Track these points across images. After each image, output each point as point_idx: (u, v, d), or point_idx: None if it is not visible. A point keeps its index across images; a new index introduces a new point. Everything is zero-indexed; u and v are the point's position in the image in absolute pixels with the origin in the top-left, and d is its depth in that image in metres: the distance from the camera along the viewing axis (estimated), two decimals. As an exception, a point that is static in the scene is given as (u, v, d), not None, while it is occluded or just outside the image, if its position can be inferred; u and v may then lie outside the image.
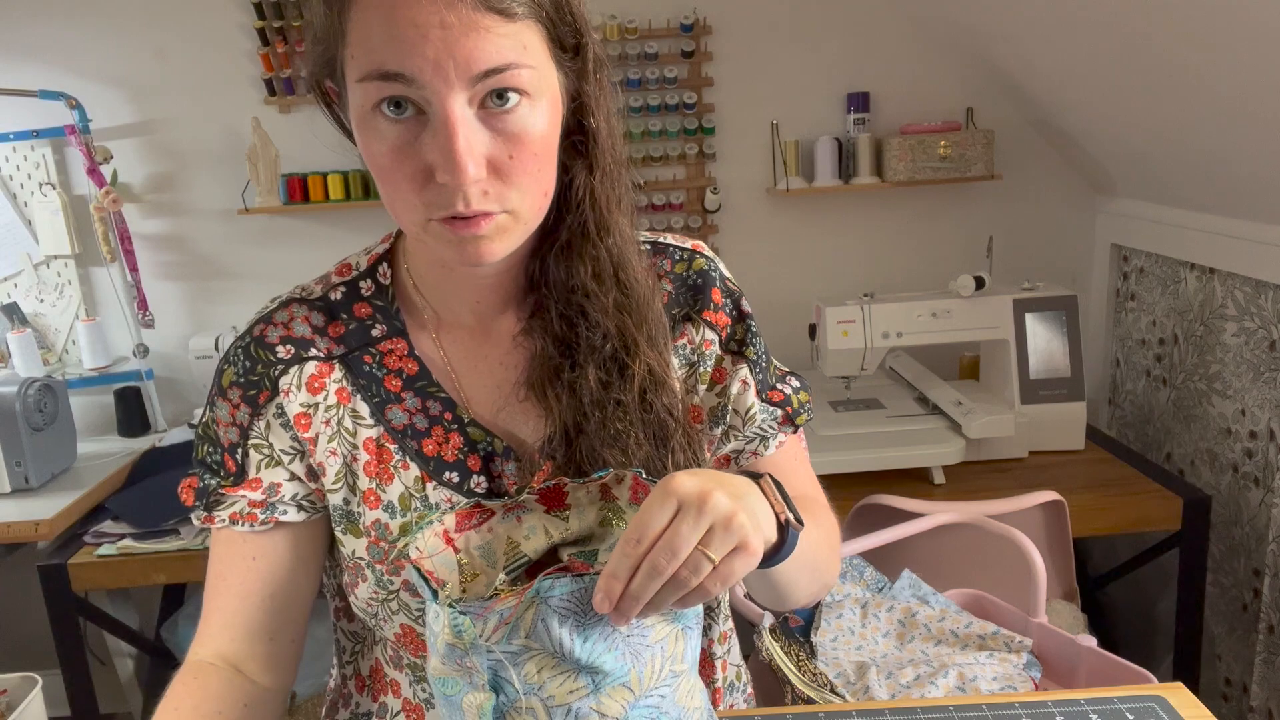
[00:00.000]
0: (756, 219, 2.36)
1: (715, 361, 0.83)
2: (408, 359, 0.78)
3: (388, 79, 0.61)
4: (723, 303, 0.84)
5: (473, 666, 0.59)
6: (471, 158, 0.62)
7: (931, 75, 2.27)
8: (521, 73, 0.63)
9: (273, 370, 0.77)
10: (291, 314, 0.79)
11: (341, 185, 2.23)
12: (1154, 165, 1.95)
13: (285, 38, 2.17)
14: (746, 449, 0.85)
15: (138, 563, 1.77)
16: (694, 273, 0.83)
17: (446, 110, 0.61)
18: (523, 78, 0.63)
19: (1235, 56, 1.42)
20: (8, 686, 0.95)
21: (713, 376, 0.83)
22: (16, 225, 2.27)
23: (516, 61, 0.62)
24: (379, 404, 0.77)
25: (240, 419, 0.77)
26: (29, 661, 2.34)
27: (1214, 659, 1.95)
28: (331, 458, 0.77)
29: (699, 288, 0.83)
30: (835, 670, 1.24)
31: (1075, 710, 0.81)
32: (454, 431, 0.77)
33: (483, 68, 0.61)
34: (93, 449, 2.18)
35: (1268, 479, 1.76)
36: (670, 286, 0.83)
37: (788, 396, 0.86)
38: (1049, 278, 2.18)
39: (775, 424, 0.85)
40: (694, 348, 0.83)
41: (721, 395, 0.84)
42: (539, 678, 0.58)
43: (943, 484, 1.85)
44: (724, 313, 0.84)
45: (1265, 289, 1.75)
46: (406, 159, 0.64)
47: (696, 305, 0.83)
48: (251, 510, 0.77)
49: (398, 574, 0.75)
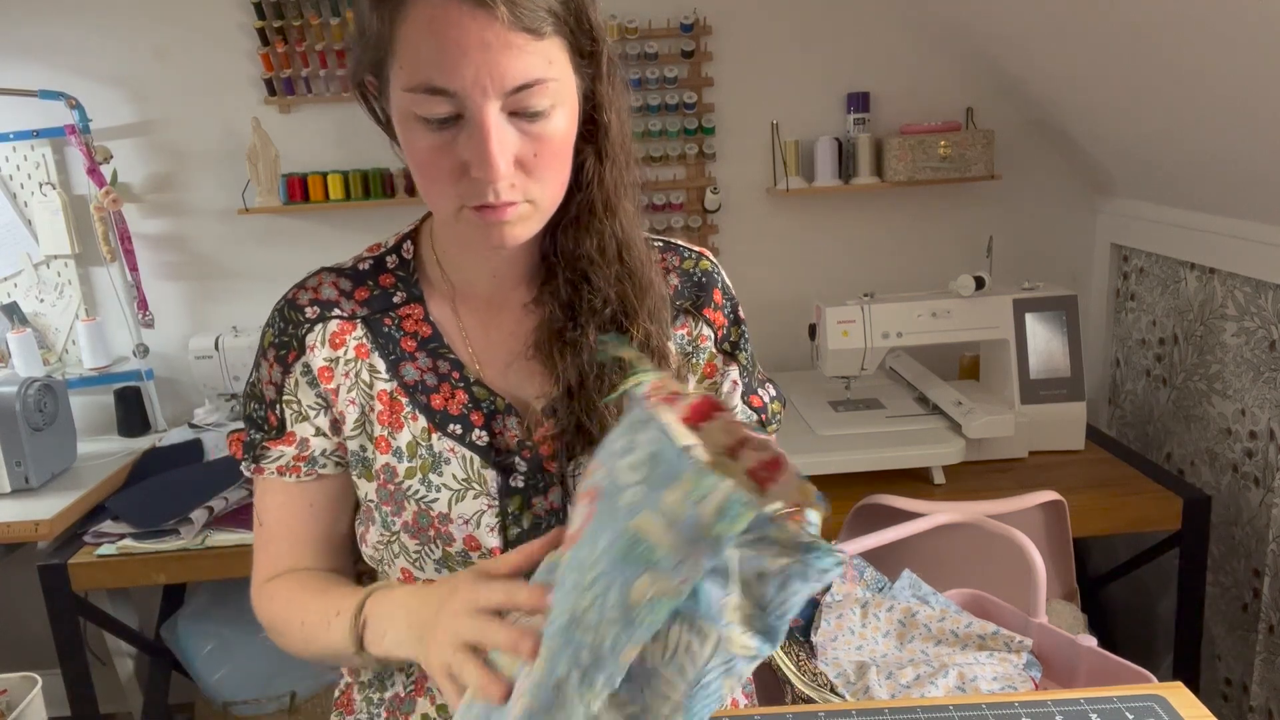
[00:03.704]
0: (756, 219, 2.36)
1: (708, 357, 0.91)
2: (423, 323, 0.86)
3: (433, 93, 0.69)
4: (722, 304, 0.92)
5: (695, 557, 0.50)
6: (503, 158, 0.70)
7: (931, 75, 2.27)
8: (548, 85, 0.70)
9: (300, 330, 0.85)
10: (321, 280, 0.87)
11: (341, 185, 2.22)
12: (1154, 165, 1.95)
13: (285, 38, 2.17)
14: None
15: (138, 563, 1.77)
16: (699, 271, 0.92)
17: (483, 117, 0.69)
18: (549, 89, 0.71)
19: (1235, 56, 1.42)
20: (8, 686, 0.95)
21: (705, 370, 0.91)
22: (16, 225, 2.27)
23: (544, 76, 0.70)
24: (394, 361, 0.85)
25: (275, 378, 0.86)
26: (29, 661, 2.34)
27: (1214, 659, 1.95)
28: (351, 407, 0.84)
29: (703, 285, 0.91)
30: (835, 670, 1.24)
31: (1075, 710, 0.81)
32: (460, 389, 0.84)
33: (516, 83, 0.69)
34: (93, 449, 2.18)
35: (1268, 479, 1.76)
36: (677, 280, 0.90)
37: (765, 404, 0.95)
38: (1049, 278, 2.18)
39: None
40: (691, 339, 0.90)
41: (711, 390, 0.91)
42: (727, 613, 0.51)
43: (943, 484, 1.85)
44: (722, 313, 0.92)
45: (1265, 289, 1.75)
46: (444, 156, 0.71)
47: (699, 301, 0.90)
48: (295, 464, 0.86)
49: (400, 513, 0.82)
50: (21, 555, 2.12)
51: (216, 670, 2.05)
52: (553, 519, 0.83)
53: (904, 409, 2.05)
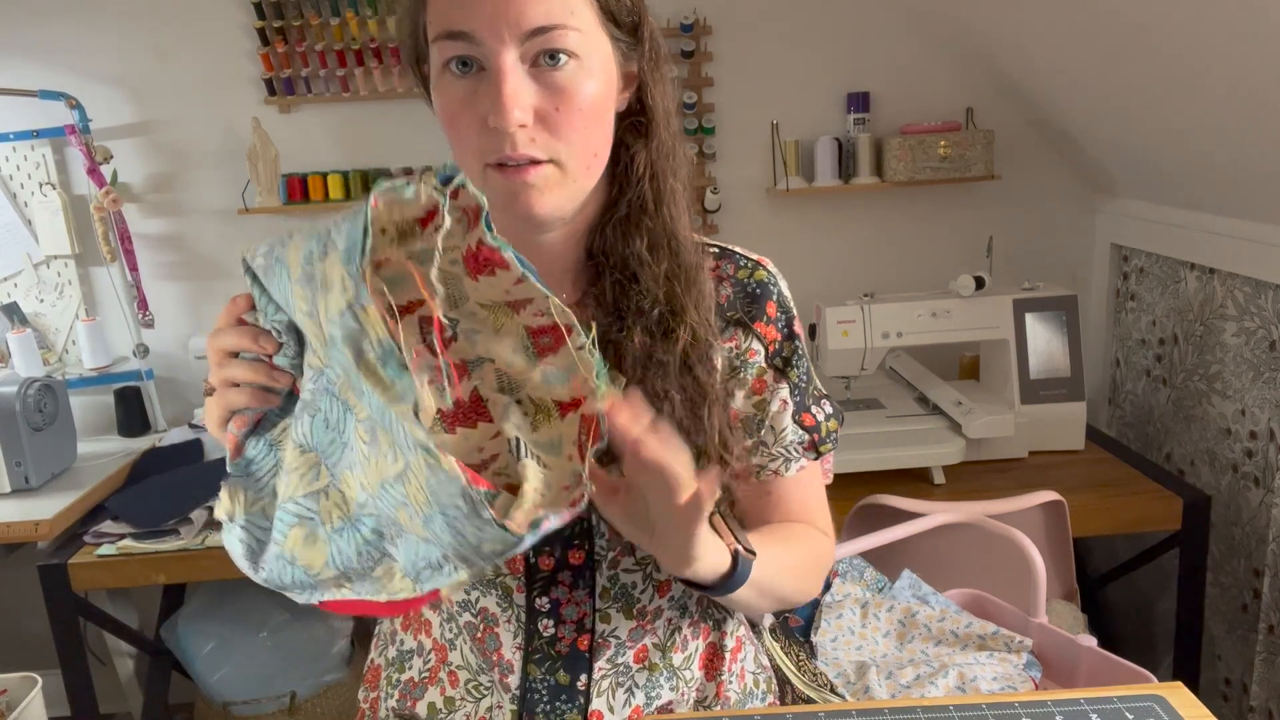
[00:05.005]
0: (756, 219, 2.36)
1: (757, 372, 0.86)
2: None
3: (453, 38, 0.69)
4: (775, 317, 0.87)
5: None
6: (517, 103, 0.69)
7: (931, 75, 2.27)
8: (568, 34, 0.70)
9: None
10: None
11: (341, 185, 2.22)
12: (1154, 165, 1.95)
13: (285, 38, 2.17)
14: (769, 465, 0.88)
15: (138, 563, 1.77)
16: (754, 282, 0.87)
17: (498, 62, 0.69)
18: (569, 39, 0.70)
19: (1235, 57, 1.42)
20: (8, 686, 0.95)
21: (753, 386, 0.87)
22: (16, 225, 2.27)
23: (563, 23, 0.69)
24: None
25: None
26: (29, 661, 2.34)
27: (1214, 659, 1.95)
28: None
29: (756, 297, 0.86)
30: (835, 670, 1.24)
31: (1075, 710, 0.81)
32: None
33: (531, 25, 0.68)
34: (93, 449, 2.18)
35: (1268, 479, 1.76)
36: (730, 290, 0.86)
37: (818, 423, 0.89)
38: (1049, 278, 2.18)
39: (800, 448, 0.88)
40: (739, 353, 0.86)
41: (759, 408, 0.87)
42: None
43: (943, 484, 1.85)
44: (775, 328, 0.87)
45: (1265, 289, 1.75)
46: (468, 109, 0.71)
47: (750, 313, 0.86)
48: None
49: None
50: (21, 555, 2.12)
51: (216, 670, 2.05)
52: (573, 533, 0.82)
53: (904, 409, 2.05)
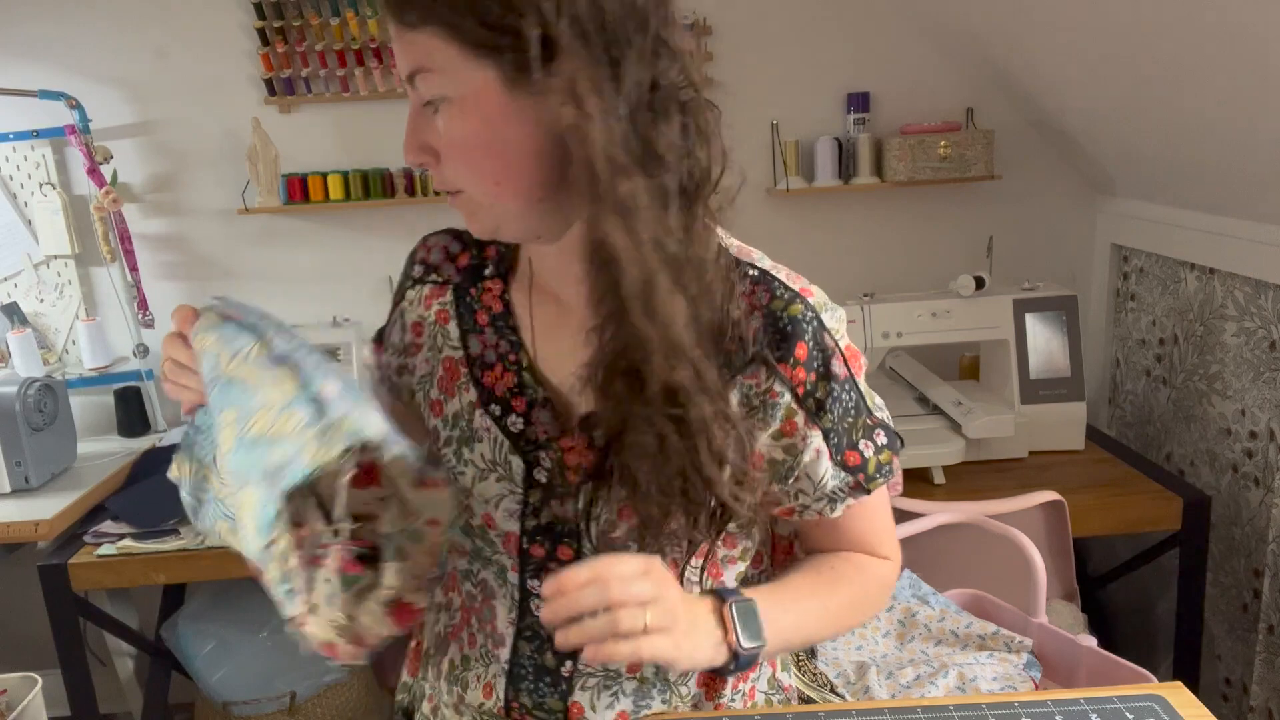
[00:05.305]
0: (756, 219, 2.36)
1: (785, 414, 0.80)
2: (498, 300, 0.89)
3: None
4: (806, 358, 0.79)
5: None
6: (411, 145, 0.74)
7: (931, 75, 2.27)
8: (430, 77, 0.70)
9: (406, 283, 0.93)
10: (440, 240, 0.93)
11: (341, 185, 2.22)
12: (1154, 165, 1.95)
13: (285, 38, 2.17)
14: (813, 507, 0.84)
15: (138, 563, 1.77)
16: (787, 317, 0.78)
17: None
18: (431, 81, 0.70)
19: (1235, 57, 1.42)
20: (8, 686, 0.95)
21: (782, 428, 0.81)
22: (16, 225, 2.27)
23: (421, 66, 0.70)
24: (465, 331, 0.88)
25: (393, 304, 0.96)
26: (29, 661, 2.33)
27: (1214, 659, 1.95)
28: (424, 364, 0.90)
29: (786, 335, 0.78)
30: (835, 670, 1.24)
31: (1075, 710, 0.81)
32: (511, 371, 0.86)
33: (404, 73, 0.72)
34: (93, 449, 2.18)
35: (1268, 479, 1.76)
36: (760, 322, 0.78)
37: (864, 460, 0.82)
38: (1049, 278, 2.18)
39: (846, 489, 0.83)
40: (759, 393, 0.79)
41: (789, 452, 0.81)
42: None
43: (943, 484, 1.85)
44: (804, 369, 0.79)
45: (1265, 289, 1.75)
46: None
47: (779, 353, 0.78)
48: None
49: None
50: (21, 555, 2.12)
51: (216, 670, 2.04)
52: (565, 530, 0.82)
53: (904, 409, 2.05)
